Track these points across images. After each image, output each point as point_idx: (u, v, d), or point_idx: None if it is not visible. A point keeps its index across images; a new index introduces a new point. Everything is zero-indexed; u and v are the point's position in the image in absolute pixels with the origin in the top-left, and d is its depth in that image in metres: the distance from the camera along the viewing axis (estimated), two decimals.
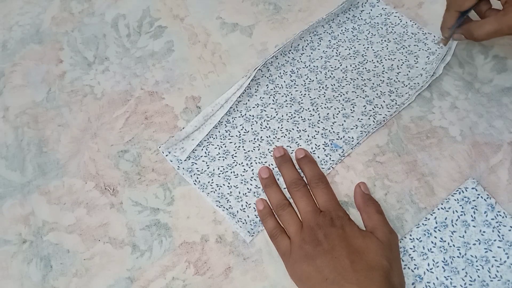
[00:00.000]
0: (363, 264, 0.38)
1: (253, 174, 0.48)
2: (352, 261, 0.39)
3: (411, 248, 0.43)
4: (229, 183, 0.48)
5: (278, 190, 0.46)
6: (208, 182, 0.48)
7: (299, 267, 0.40)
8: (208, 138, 0.51)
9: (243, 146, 0.50)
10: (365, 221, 0.44)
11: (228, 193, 0.47)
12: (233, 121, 0.51)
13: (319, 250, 0.40)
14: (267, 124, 0.51)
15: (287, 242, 0.43)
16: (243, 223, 0.46)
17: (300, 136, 0.50)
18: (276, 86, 0.53)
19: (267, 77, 0.54)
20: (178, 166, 0.49)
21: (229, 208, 0.47)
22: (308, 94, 0.53)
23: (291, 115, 0.51)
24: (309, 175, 0.46)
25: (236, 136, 0.51)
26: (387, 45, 0.55)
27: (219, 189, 0.48)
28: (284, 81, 0.54)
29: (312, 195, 0.45)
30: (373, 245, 0.40)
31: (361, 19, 0.58)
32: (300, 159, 0.48)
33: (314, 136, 0.50)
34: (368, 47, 0.55)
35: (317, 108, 0.51)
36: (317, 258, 0.40)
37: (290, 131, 0.50)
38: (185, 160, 0.49)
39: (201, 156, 0.50)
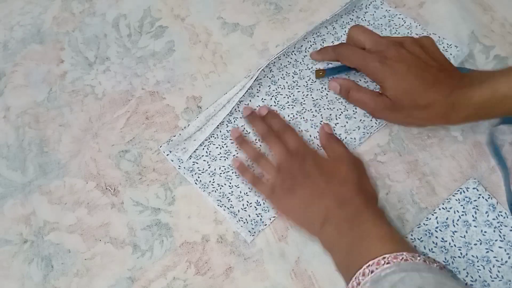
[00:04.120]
0: (336, 181, 0.43)
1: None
2: (326, 182, 0.43)
3: None
4: (230, 183, 0.48)
5: (251, 145, 0.49)
6: (209, 181, 0.48)
7: (284, 201, 0.44)
8: (209, 138, 0.51)
9: None
10: (330, 156, 0.47)
11: (229, 193, 0.47)
12: (234, 121, 0.51)
13: (297, 181, 0.44)
14: None
15: (268, 185, 0.46)
16: (244, 222, 0.46)
17: (301, 136, 0.50)
18: (278, 87, 0.53)
19: (269, 78, 0.54)
20: (179, 166, 0.49)
21: (230, 207, 0.47)
22: (311, 95, 0.52)
23: (293, 116, 0.51)
24: (276, 126, 0.49)
25: None
26: None
27: (220, 188, 0.48)
28: (287, 82, 0.54)
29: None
30: (342, 165, 0.44)
31: (365, 20, 0.57)
32: (265, 115, 0.50)
33: (316, 137, 0.50)
34: None
35: (320, 109, 0.51)
36: (297, 189, 0.43)
37: None
38: (186, 160, 0.49)
39: (202, 156, 0.50)
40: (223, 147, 0.50)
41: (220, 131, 0.51)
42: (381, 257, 0.34)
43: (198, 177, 0.48)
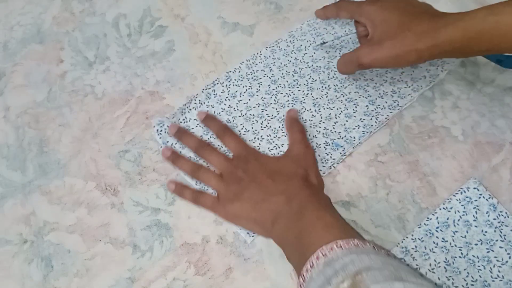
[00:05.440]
0: (283, 178, 0.44)
1: None
2: (273, 180, 0.44)
3: (412, 248, 0.43)
4: None
5: (186, 159, 0.48)
6: None
7: (231, 206, 0.44)
8: (209, 138, 0.50)
9: None
10: (289, 139, 0.49)
11: None
12: (233, 120, 0.51)
13: (243, 184, 0.44)
14: (268, 123, 0.51)
15: (210, 196, 0.46)
16: None
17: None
18: (278, 86, 0.53)
19: (269, 77, 0.54)
20: None
21: None
22: (311, 94, 0.52)
23: None
24: (215, 129, 0.49)
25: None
26: None
27: None
28: (287, 81, 0.54)
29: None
30: (288, 161, 0.46)
31: None
32: (204, 119, 0.50)
33: (316, 135, 0.50)
34: None
35: (320, 109, 0.51)
36: (244, 192, 0.43)
37: None
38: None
39: None
40: (222, 146, 0.50)
41: None
42: (334, 242, 0.35)
43: None
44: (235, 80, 0.54)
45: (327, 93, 0.52)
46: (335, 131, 0.50)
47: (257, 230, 0.44)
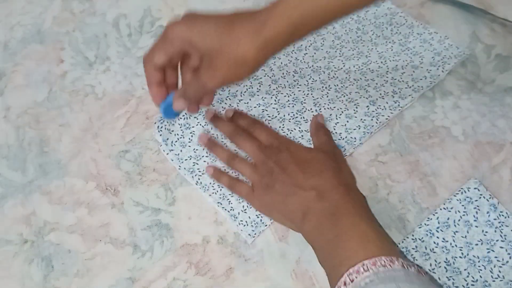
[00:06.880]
0: (314, 171, 0.43)
1: None
2: (303, 172, 0.42)
3: (413, 248, 0.43)
4: None
5: (222, 147, 0.49)
6: (210, 183, 0.48)
7: (264, 198, 0.44)
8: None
9: None
10: (314, 144, 0.48)
11: (229, 194, 0.47)
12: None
13: (275, 177, 0.43)
14: (268, 123, 0.51)
15: (246, 185, 0.46)
16: (244, 225, 0.46)
17: (302, 136, 0.50)
18: (279, 86, 0.53)
19: (270, 77, 0.54)
20: (180, 166, 0.49)
21: (231, 210, 0.46)
22: (311, 94, 0.52)
23: (293, 115, 0.51)
24: (245, 124, 0.49)
25: None
26: (391, 46, 0.55)
27: (221, 190, 0.47)
28: (287, 81, 0.54)
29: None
30: (319, 155, 0.45)
31: (366, 19, 0.57)
32: (232, 117, 0.50)
33: None
34: (372, 48, 0.55)
35: (320, 109, 0.51)
36: (275, 184, 0.43)
37: (292, 130, 0.50)
38: (186, 160, 0.49)
39: (203, 156, 0.49)
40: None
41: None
42: (360, 264, 0.34)
43: (199, 179, 0.48)
44: None
45: (327, 93, 0.52)
46: (336, 132, 0.50)
47: (288, 225, 0.44)
